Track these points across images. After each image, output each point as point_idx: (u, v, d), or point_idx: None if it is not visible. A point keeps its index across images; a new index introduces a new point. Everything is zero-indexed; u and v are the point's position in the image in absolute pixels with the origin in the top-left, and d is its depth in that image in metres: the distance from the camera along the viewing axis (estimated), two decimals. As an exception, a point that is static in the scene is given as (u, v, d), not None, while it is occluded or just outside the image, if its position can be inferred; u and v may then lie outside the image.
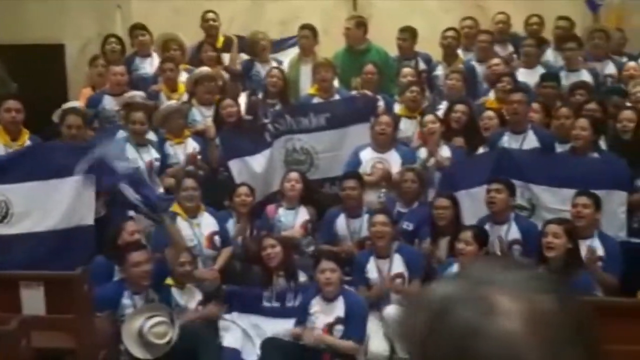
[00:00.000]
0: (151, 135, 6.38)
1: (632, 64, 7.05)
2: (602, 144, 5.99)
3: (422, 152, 6.22)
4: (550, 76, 6.83)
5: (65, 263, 4.92)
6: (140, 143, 6.18)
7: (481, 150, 6.17)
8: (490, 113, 6.37)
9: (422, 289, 1.04)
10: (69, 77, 8.48)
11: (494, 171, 5.59)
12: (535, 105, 6.35)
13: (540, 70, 7.12)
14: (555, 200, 5.43)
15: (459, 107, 6.38)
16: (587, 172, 5.46)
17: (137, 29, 7.68)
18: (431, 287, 0.93)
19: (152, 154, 6.21)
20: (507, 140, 6.06)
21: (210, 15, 7.85)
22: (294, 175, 6.00)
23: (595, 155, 5.75)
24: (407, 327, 0.90)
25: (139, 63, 7.56)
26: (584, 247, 4.93)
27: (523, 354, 0.82)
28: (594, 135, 5.68)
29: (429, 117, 6.28)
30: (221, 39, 7.78)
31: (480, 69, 7.29)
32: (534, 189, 5.61)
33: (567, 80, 6.89)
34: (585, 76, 6.96)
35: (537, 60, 7.26)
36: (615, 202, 5.39)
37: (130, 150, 6.13)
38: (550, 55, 7.46)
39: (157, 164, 6.20)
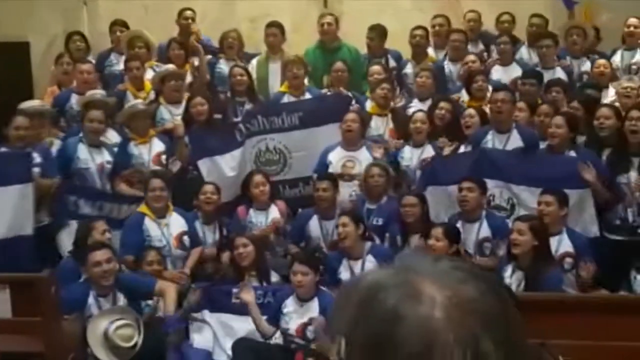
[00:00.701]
0: (113, 135, 6.27)
1: (602, 61, 7.08)
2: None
3: (406, 152, 6.21)
4: (531, 73, 6.81)
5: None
6: (93, 144, 6.04)
7: (463, 148, 6.13)
8: (471, 111, 6.32)
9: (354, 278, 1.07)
10: (35, 75, 8.33)
11: (472, 171, 5.58)
12: (520, 104, 6.32)
13: (515, 67, 7.12)
14: (534, 200, 5.40)
15: (443, 104, 6.34)
16: (564, 172, 5.46)
17: (117, 24, 7.60)
18: (363, 274, 0.96)
19: (105, 157, 6.07)
20: (491, 140, 6.02)
21: (188, 13, 7.74)
22: (259, 178, 5.93)
23: (573, 153, 5.71)
24: (337, 313, 0.92)
25: (114, 59, 7.46)
26: (552, 244, 4.96)
27: (439, 340, 0.84)
28: (571, 133, 5.65)
29: (418, 115, 6.25)
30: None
31: (453, 68, 7.25)
32: (513, 188, 5.62)
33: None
34: (560, 73, 6.98)
35: (513, 57, 7.27)
36: (588, 200, 5.41)
37: (82, 151, 5.99)
38: (524, 52, 7.47)
39: (108, 166, 6.06)
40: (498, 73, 7.12)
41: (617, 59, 7.32)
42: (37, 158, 5.79)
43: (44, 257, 5.34)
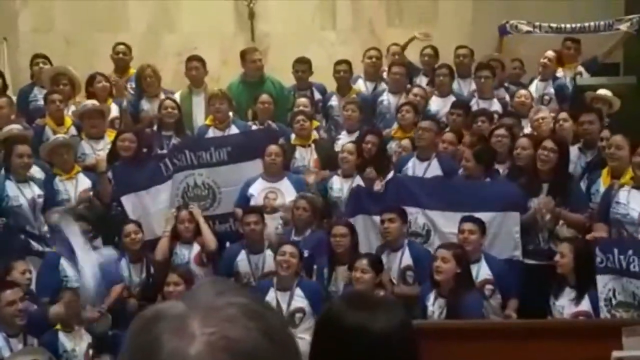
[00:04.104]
0: (36, 170, 6.11)
1: (523, 91, 7.27)
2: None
3: (336, 182, 6.21)
4: (459, 103, 6.93)
5: None
6: (21, 179, 5.87)
7: (390, 175, 6.17)
8: (406, 142, 6.41)
9: None
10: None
11: (389, 199, 5.64)
12: (447, 136, 6.38)
13: (453, 99, 7.19)
14: (450, 224, 5.49)
15: (370, 137, 6.36)
16: (481, 196, 5.58)
17: (39, 57, 7.45)
18: (161, 303, 0.96)
19: (35, 191, 5.91)
20: (412, 167, 6.15)
21: (121, 47, 7.67)
22: (184, 215, 5.89)
23: (488, 180, 5.85)
24: (127, 334, 0.94)
25: (37, 93, 7.29)
26: (472, 271, 5.02)
27: None
28: (479, 165, 5.76)
29: (347, 146, 6.29)
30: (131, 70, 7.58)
31: (393, 100, 7.30)
32: (429, 214, 5.69)
33: (478, 108, 7.01)
34: (496, 104, 7.14)
35: (450, 89, 7.37)
36: (510, 224, 5.53)
37: (11, 188, 5.83)
38: (454, 83, 7.55)
39: (40, 200, 5.91)
40: (436, 104, 7.22)
41: (532, 89, 7.52)
42: None
43: None
